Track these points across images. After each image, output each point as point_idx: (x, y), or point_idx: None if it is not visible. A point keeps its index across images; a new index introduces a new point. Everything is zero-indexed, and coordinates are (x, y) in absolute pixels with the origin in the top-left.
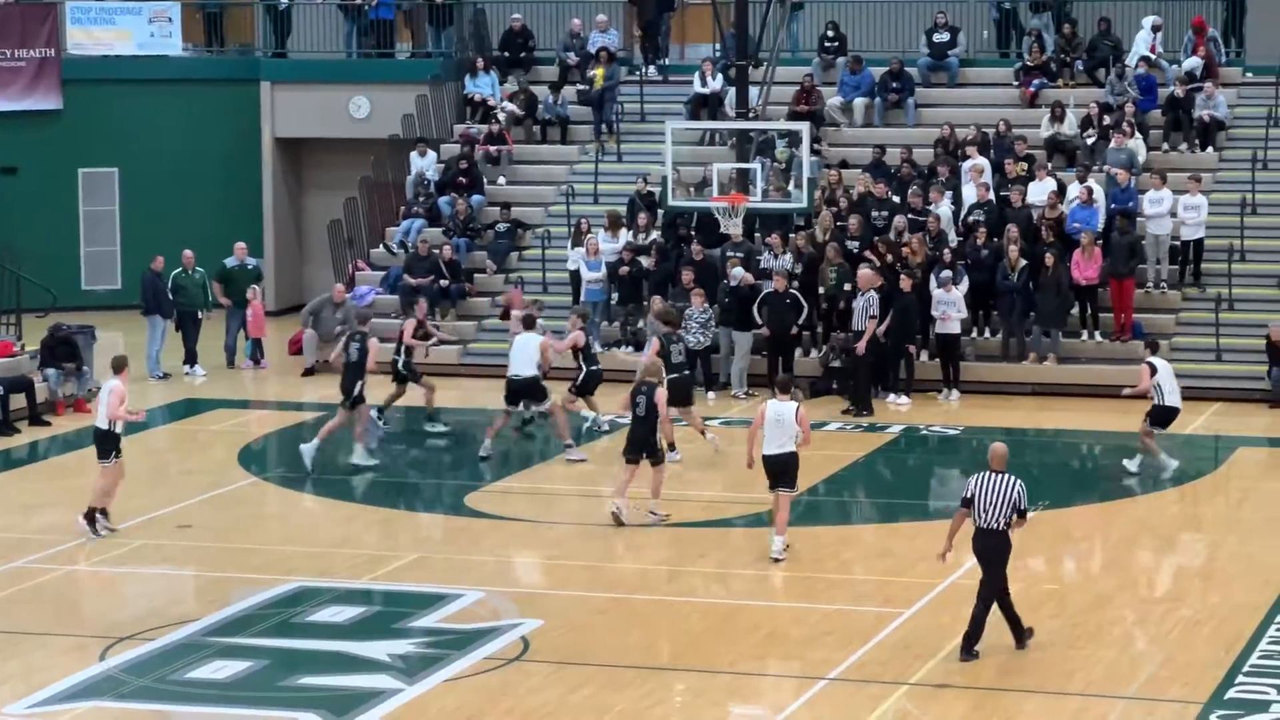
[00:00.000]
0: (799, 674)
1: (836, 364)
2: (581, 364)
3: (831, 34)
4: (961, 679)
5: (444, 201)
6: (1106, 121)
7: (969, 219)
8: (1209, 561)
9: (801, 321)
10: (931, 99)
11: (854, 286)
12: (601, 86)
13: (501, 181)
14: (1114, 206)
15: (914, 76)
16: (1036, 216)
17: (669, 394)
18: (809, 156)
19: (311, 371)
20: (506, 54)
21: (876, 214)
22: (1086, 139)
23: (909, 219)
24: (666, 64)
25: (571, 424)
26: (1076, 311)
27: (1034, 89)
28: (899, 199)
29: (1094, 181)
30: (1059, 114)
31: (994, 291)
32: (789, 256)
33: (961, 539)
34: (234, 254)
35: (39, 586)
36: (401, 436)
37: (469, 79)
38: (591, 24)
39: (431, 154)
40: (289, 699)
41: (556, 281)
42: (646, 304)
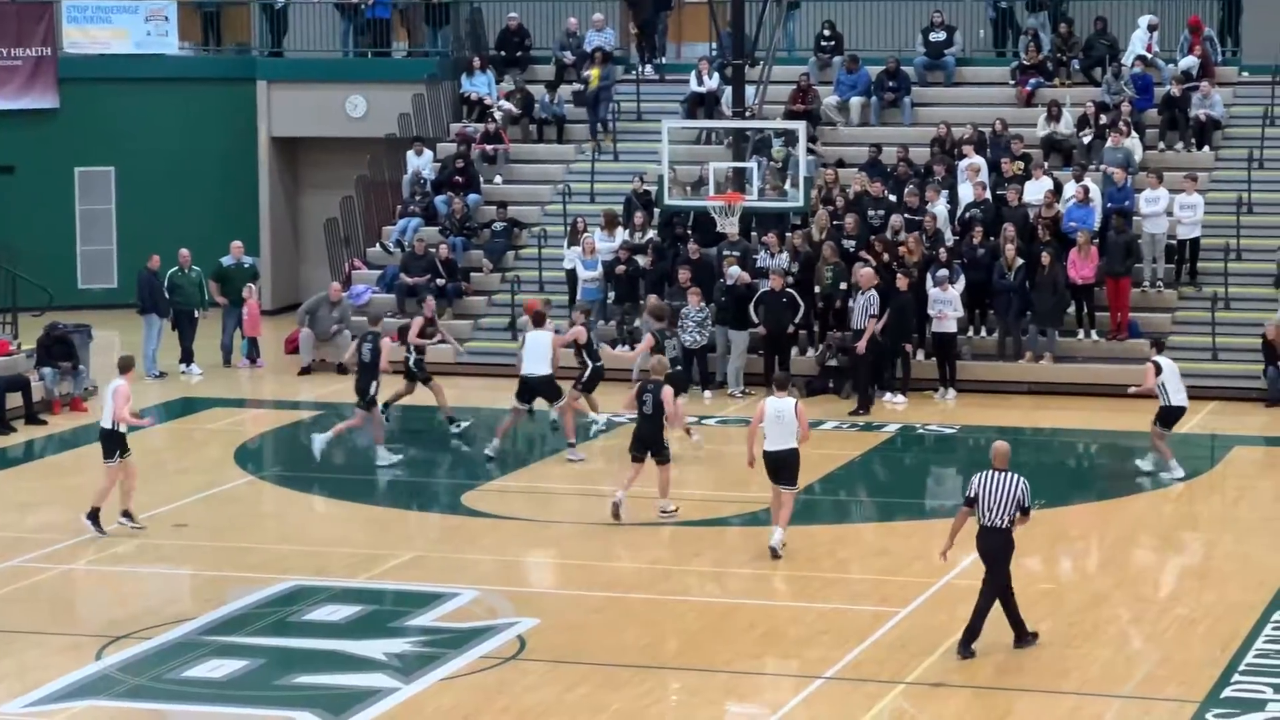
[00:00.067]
0: (795, 673)
1: (833, 363)
2: (587, 360)
3: (828, 33)
4: (958, 678)
5: (440, 200)
6: (1103, 121)
7: (965, 218)
8: (1205, 560)
9: (798, 320)
10: (928, 98)
11: (850, 285)
12: (597, 86)
13: (498, 180)
14: (1110, 206)
15: (910, 75)
16: (1033, 215)
17: None
18: (805, 155)
19: (308, 370)
20: (503, 53)
21: (873, 213)
22: (1083, 138)
23: (905, 218)
24: (663, 63)
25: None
26: (1073, 310)
27: (1030, 88)
28: (895, 198)
29: (1090, 181)
30: (1055, 113)
31: (990, 290)
32: (785, 255)
33: (963, 538)
34: (230, 253)
35: (35, 585)
36: (399, 435)
37: (465, 78)
38: (588, 23)
39: (428, 153)
40: (285, 698)
41: (553, 281)
42: (643, 303)
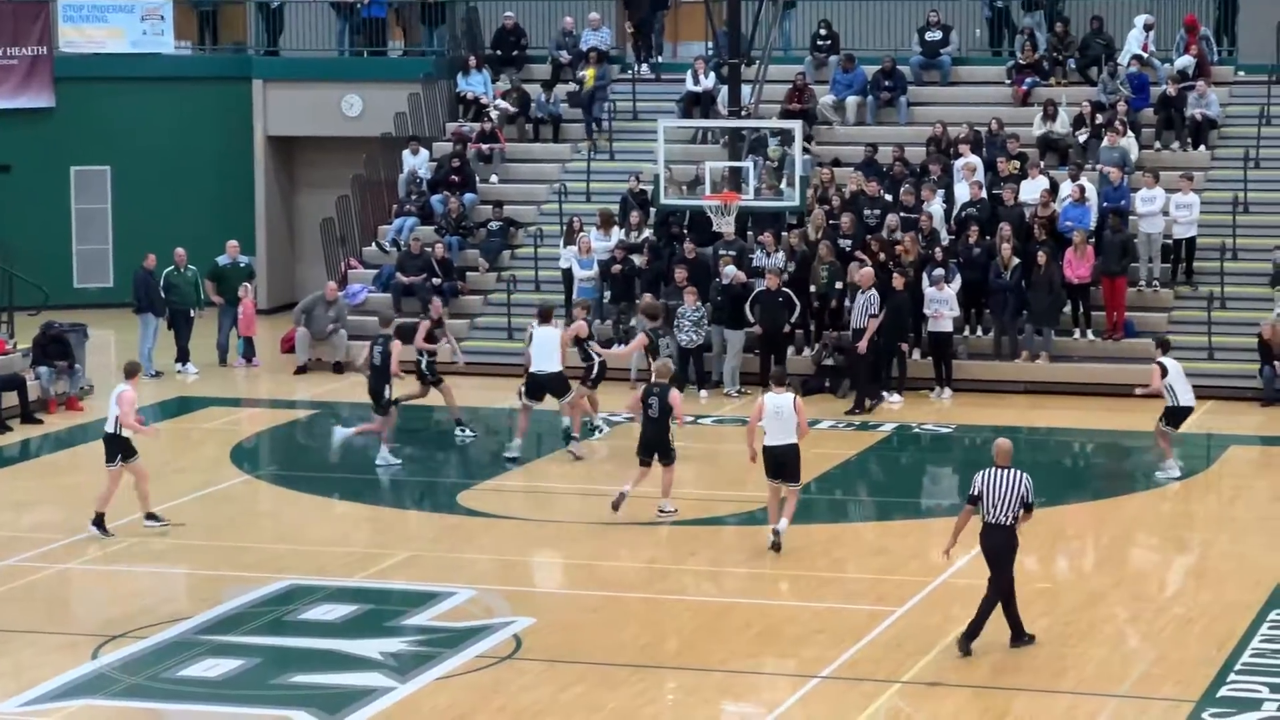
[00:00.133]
0: (791, 672)
1: (829, 362)
2: (593, 355)
3: (824, 32)
4: (954, 677)
5: (436, 200)
6: (1099, 120)
7: (961, 217)
8: (1201, 560)
9: (794, 320)
10: (924, 97)
11: (845, 285)
12: (592, 86)
13: (494, 180)
14: (1106, 205)
15: (906, 75)
16: (1029, 215)
17: None
18: (801, 155)
19: (304, 370)
20: (499, 52)
21: (869, 212)
22: (1079, 137)
23: (901, 217)
24: (659, 62)
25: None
26: (1069, 310)
27: (1026, 87)
28: (891, 197)
29: (1086, 180)
30: (1051, 112)
31: (986, 290)
32: (781, 255)
33: (963, 537)
34: (226, 252)
35: (31, 585)
36: (396, 434)
37: (461, 77)
38: (584, 22)
39: (424, 152)
40: (281, 697)
41: (549, 280)
42: (638, 302)
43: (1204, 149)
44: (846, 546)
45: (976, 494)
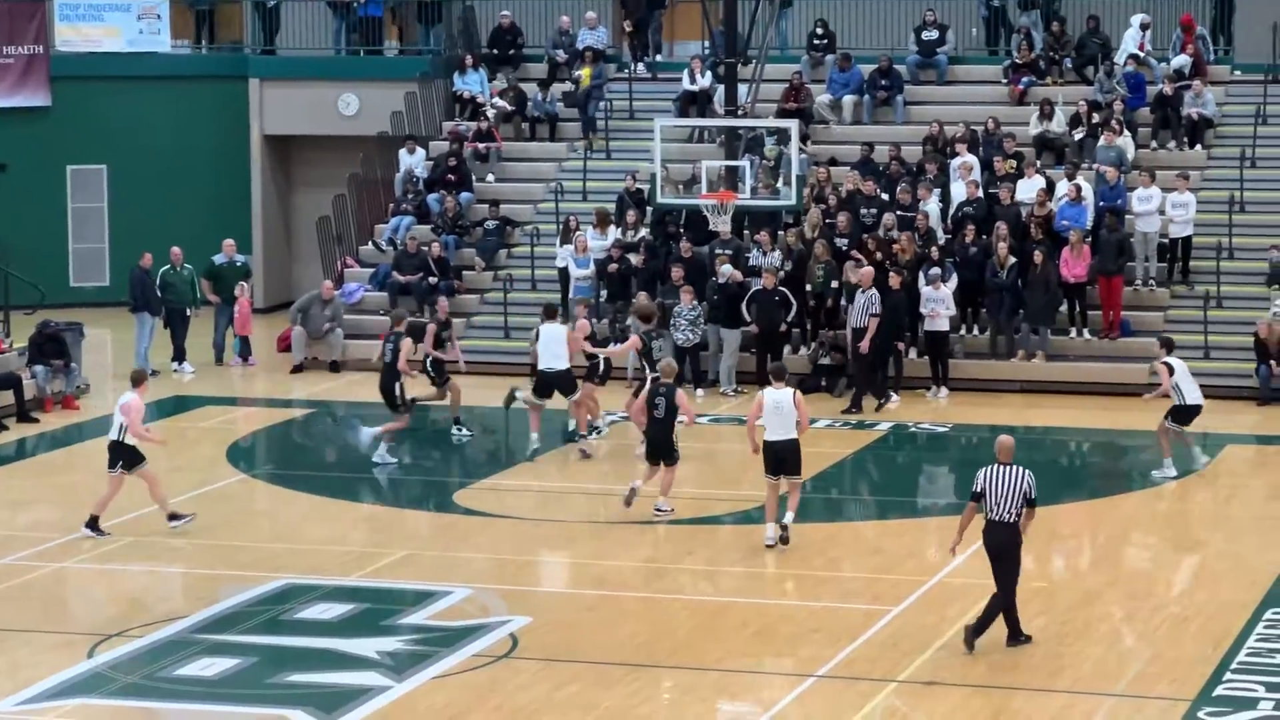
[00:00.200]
0: (788, 671)
1: (826, 361)
2: (596, 352)
3: (820, 31)
4: (950, 676)
5: (433, 199)
6: (1095, 119)
7: (958, 216)
8: (1197, 559)
9: (790, 319)
10: (920, 96)
11: (841, 284)
12: (588, 86)
13: (490, 179)
14: (1103, 204)
15: (903, 74)
16: (1025, 214)
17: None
18: (798, 154)
19: (300, 368)
20: (495, 51)
21: (865, 211)
22: (1075, 136)
23: (898, 216)
24: (656, 61)
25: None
26: (1065, 309)
27: (1023, 86)
28: (888, 196)
29: (1083, 179)
30: (1048, 111)
31: (983, 289)
32: (778, 254)
33: (969, 534)
34: (222, 251)
35: (26, 584)
36: (396, 434)
37: (458, 76)
38: (580, 21)
39: (420, 151)
40: (277, 696)
41: (545, 279)
42: (633, 303)
43: (1200, 148)
44: (843, 546)
45: (979, 491)
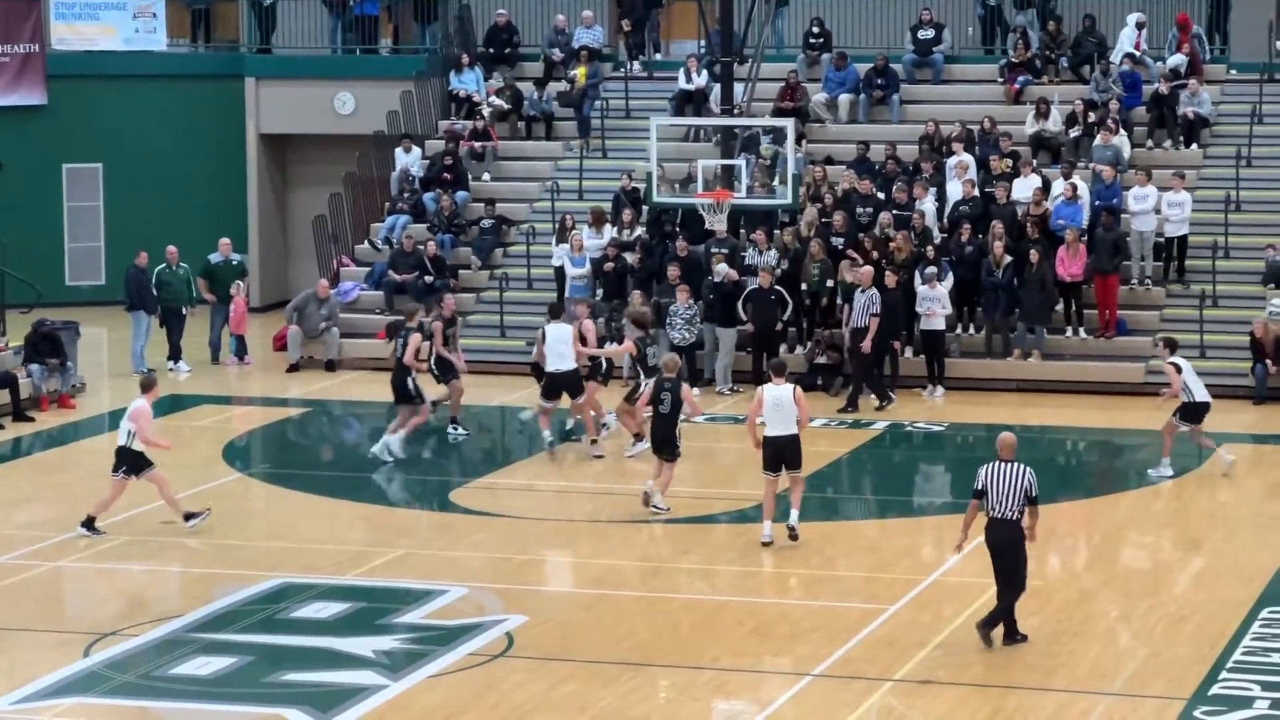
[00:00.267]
0: (784, 670)
1: (822, 360)
2: (596, 353)
3: (816, 30)
4: (946, 675)
5: (429, 197)
6: (1091, 118)
7: (954, 215)
8: (1193, 558)
9: (786, 318)
10: (916, 95)
11: (837, 283)
12: (584, 85)
13: (486, 178)
14: (1098, 203)
15: (899, 73)
16: (1021, 213)
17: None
18: (794, 153)
19: (296, 367)
20: (491, 50)
21: (861, 210)
22: (1071, 135)
23: (894, 215)
24: (652, 59)
25: (555, 421)
26: (1061, 308)
27: (1019, 85)
28: (884, 195)
29: (1079, 178)
30: (1044, 110)
31: (979, 288)
32: (773, 252)
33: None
34: (218, 250)
35: (23, 583)
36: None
37: (454, 75)
38: (577, 20)
39: (416, 150)
40: (273, 695)
41: (541, 278)
42: (627, 308)
43: (1196, 147)
44: (839, 544)
45: (981, 488)
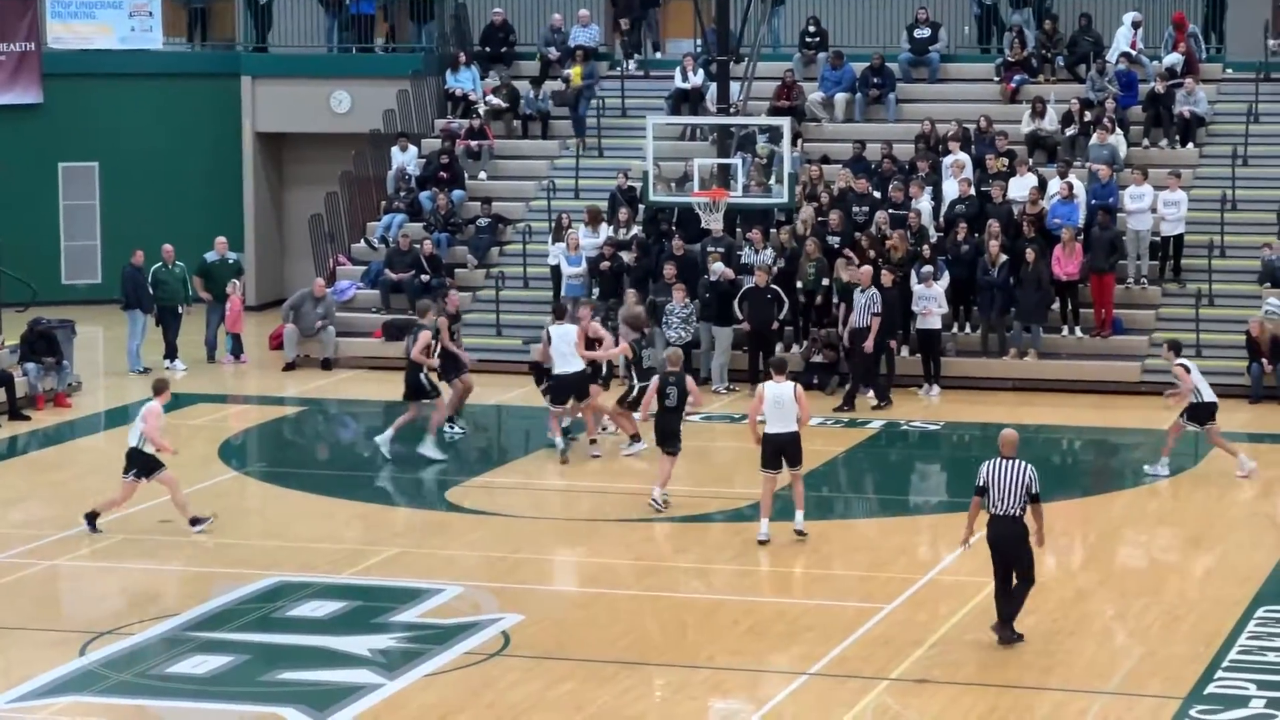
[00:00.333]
0: (780, 668)
1: (818, 359)
2: (594, 355)
3: (813, 29)
4: (942, 673)
5: (425, 196)
6: (1087, 117)
7: (950, 214)
8: (1189, 557)
9: (782, 316)
10: (912, 94)
11: (832, 282)
12: (579, 84)
13: (482, 176)
14: (1094, 202)
15: (895, 72)
16: (1017, 212)
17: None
18: (790, 152)
19: (292, 366)
20: (487, 49)
21: (857, 209)
22: (1067, 134)
23: (890, 214)
24: (648, 59)
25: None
26: (1057, 307)
27: (1015, 84)
28: (880, 194)
29: (1075, 177)
30: (1040, 110)
31: (975, 287)
32: (770, 252)
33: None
34: (214, 248)
35: (19, 581)
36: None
37: (450, 74)
38: (573, 19)
39: (413, 149)
40: (269, 694)
41: (537, 277)
42: (622, 311)
43: (1192, 146)
44: (835, 543)
45: (982, 485)
